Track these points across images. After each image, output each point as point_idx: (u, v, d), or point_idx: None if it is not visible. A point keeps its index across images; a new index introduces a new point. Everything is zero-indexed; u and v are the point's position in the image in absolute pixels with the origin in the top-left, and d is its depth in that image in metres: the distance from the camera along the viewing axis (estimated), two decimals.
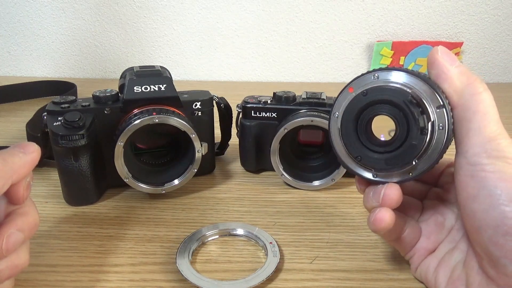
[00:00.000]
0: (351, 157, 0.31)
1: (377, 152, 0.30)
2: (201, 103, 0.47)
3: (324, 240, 0.39)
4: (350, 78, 0.31)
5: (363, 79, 0.30)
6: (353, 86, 0.30)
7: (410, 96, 0.28)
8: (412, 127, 0.28)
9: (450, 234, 0.32)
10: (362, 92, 0.30)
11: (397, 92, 0.28)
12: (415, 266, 0.33)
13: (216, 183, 0.49)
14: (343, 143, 0.31)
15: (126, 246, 0.38)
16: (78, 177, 0.42)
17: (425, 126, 0.28)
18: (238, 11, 0.92)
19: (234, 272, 0.34)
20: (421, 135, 0.28)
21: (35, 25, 0.93)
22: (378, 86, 0.29)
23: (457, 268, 0.29)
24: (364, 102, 0.30)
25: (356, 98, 0.30)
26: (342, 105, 0.31)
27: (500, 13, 0.93)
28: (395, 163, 0.30)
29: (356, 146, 0.31)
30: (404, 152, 0.29)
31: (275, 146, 0.46)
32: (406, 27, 0.94)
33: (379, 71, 0.29)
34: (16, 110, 0.74)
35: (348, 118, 0.31)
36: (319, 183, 0.47)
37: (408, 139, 0.29)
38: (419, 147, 0.28)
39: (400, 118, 0.29)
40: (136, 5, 0.91)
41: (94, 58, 0.96)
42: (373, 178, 0.31)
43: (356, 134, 0.31)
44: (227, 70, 0.97)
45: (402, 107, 0.28)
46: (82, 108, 0.42)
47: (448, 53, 0.28)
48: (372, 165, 0.31)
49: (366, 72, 0.30)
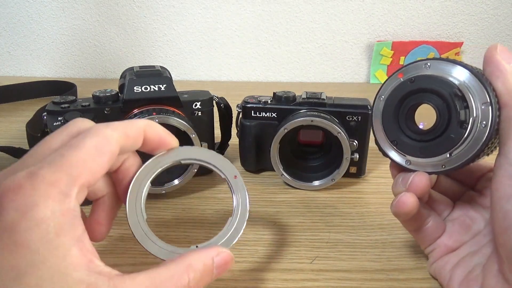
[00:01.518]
0: (387, 141, 0.32)
1: (414, 139, 0.31)
2: (201, 103, 0.47)
3: (324, 240, 0.39)
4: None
5: (414, 66, 0.30)
6: (403, 72, 0.31)
7: (456, 88, 0.28)
8: (453, 119, 0.28)
9: (476, 238, 0.31)
10: (409, 79, 0.30)
11: (443, 83, 0.28)
12: (433, 261, 0.33)
13: (216, 183, 0.49)
14: (383, 126, 0.32)
15: (126, 246, 0.38)
16: None
17: (465, 120, 0.28)
18: (238, 11, 0.92)
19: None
20: (460, 128, 0.28)
21: (35, 25, 0.93)
22: (426, 75, 0.29)
23: (475, 269, 0.29)
24: (410, 88, 0.30)
25: (402, 83, 0.30)
26: (388, 89, 0.31)
27: (500, 13, 0.93)
28: (429, 153, 0.30)
29: (394, 131, 0.31)
30: (440, 143, 0.29)
31: (275, 146, 0.46)
32: (406, 27, 0.94)
33: (433, 61, 0.29)
34: (16, 110, 0.74)
35: (391, 102, 0.31)
36: (319, 183, 0.47)
37: (446, 131, 0.29)
38: (456, 141, 0.28)
39: (442, 109, 0.29)
40: (136, 5, 0.91)
41: (94, 58, 0.96)
42: (405, 165, 0.31)
43: (396, 119, 0.31)
44: (227, 70, 0.97)
45: (446, 98, 0.28)
46: (82, 108, 0.42)
47: (507, 51, 0.28)
48: (407, 151, 0.31)
49: (419, 60, 0.30)
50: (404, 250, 0.37)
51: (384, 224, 0.41)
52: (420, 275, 0.34)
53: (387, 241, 0.39)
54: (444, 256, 0.32)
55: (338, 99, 0.48)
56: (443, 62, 0.29)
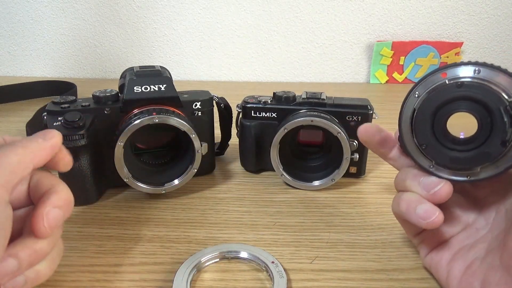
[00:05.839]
0: (415, 143, 0.30)
1: (447, 147, 0.29)
2: (201, 103, 0.47)
3: (324, 240, 0.39)
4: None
5: (461, 69, 0.28)
6: (447, 72, 0.28)
7: (508, 105, 0.26)
8: (495, 135, 0.27)
9: (468, 230, 0.31)
10: (457, 83, 0.27)
11: (495, 96, 0.27)
12: (425, 254, 0.33)
13: (216, 183, 0.49)
14: (413, 126, 0.29)
15: (126, 246, 0.38)
16: (78, 177, 0.42)
17: (509, 139, 0.26)
18: (238, 11, 0.92)
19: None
20: (501, 147, 0.27)
21: (35, 25, 0.93)
22: (478, 83, 0.27)
23: (474, 263, 0.29)
24: (456, 93, 0.28)
25: (448, 86, 0.28)
26: (428, 87, 0.29)
27: (500, 13, 0.93)
28: (460, 163, 0.28)
29: (426, 134, 0.29)
30: (475, 157, 0.28)
31: (275, 146, 0.46)
32: (406, 27, 0.94)
33: (483, 66, 0.27)
34: (16, 110, 0.74)
35: (430, 103, 0.28)
36: (319, 183, 0.47)
37: (484, 145, 0.27)
38: (492, 158, 0.27)
39: (485, 122, 0.27)
40: (136, 5, 0.91)
41: (94, 58, 0.96)
42: (428, 169, 0.30)
43: (431, 122, 0.29)
44: (227, 70, 0.97)
45: (494, 112, 0.27)
46: (82, 108, 0.42)
47: None
48: (435, 157, 0.29)
49: (467, 62, 0.28)
50: (404, 250, 0.37)
51: (384, 224, 0.41)
52: (420, 275, 0.34)
53: (387, 241, 0.39)
54: (436, 249, 0.32)
55: (338, 99, 0.48)
56: (494, 71, 0.27)
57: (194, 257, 0.35)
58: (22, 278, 0.27)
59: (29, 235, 0.27)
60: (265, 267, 0.34)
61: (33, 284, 0.28)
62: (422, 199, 0.30)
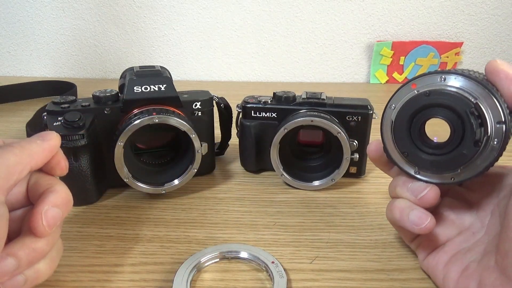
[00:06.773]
0: (397, 151, 0.32)
1: (426, 152, 0.31)
2: (201, 103, 0.47)
3: (324, 240, 0.39)
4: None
5: (429, 78, 0.30)
6: (416, 83, 0.30)
7: (473, 107, 0.28)
8: (467, 137, 0.28)
9: (464, 234, 0.32)
10: (425, 92, 0.29)
11: (460, 100, 0.28)
12: (423, 257, 0.33)
13: (216, 183, 0.49)
14: (393, 136, 0.32)
15: (126, 246, 0.38)
16: (78, 177, 0.42)
17: (480, 139, 0.28)
18: (238, 11, 0.92)
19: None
20: (474, 147, 0.28)
21: (35, 25, 0.93)
22: (443, 90, 0.29)
23: (470, 266, 0.29)
24: (425, 102, 0.30)
25: (417, 96, 0.30)
26: (401, 99, 0.31)
27: (500, 13, 0.93)
28: (441, 167, 0.30)
29: (405, 142, 0.31)
30: (453, 159, 0.29)
31: (275, 146, 0.46)
32: (406, 27, 0.94)
33: (447, 74, 0.29)
34: (16, 110, 0.74)
35: (404, 113, 0.31)
36: (319, 183, 0.47)
37: (459, 147, 0.29)
38: (468, 157, 0.28)
39: (457, 125, 0.29)
40: (136, 5, 0.91)
41: (94, 58, 0.96)
42: (414, 174, 0.31)
43: (408, 131, 0.31)
44: (227, 70, 0.97)
45: (462, 115, 0.28)
46: (82, 108, 0.42)
47: (506, 63, 0.28)
48: (417, 163, 0.31)
49: (434, 72, 0.30)
50: (404, 250, 0.37)
51: (384, 224, 0.41)
52: (420, 275, 0.34)
53: (387, 241, 0.39)
54: (433, 253, 0.32)
55: (338, 99, 0.48)
56: (458, 77, 0.29)
57: (194, 257, 0.35)
58: (22, 277, 0.27)
59: (28, 234, 0.26)
60: (265, 267, 0.34)
61: (33, 283, 0.28)
62: (413, 205, 0.31)
